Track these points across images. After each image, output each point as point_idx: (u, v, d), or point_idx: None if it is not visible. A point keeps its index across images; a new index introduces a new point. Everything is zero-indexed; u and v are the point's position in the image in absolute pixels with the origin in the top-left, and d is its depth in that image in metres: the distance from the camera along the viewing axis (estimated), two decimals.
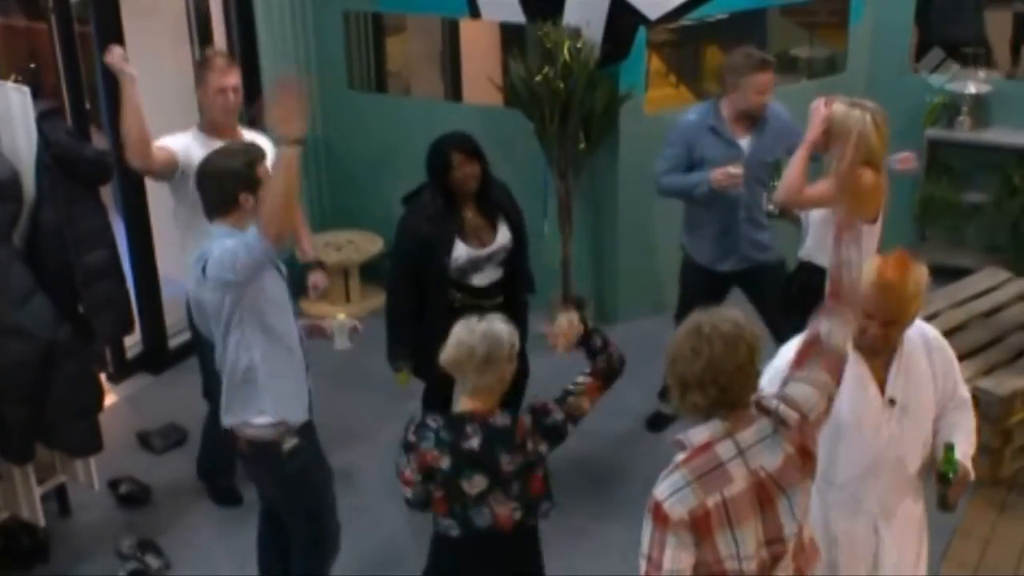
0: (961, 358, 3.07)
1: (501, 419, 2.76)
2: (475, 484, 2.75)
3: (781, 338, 2.90)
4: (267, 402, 3.14)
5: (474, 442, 2.74)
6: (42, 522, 3.94)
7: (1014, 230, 5.66)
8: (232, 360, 3.11)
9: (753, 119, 4.20)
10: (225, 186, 3.02)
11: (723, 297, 4.20)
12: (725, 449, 2.30)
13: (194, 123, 4.03)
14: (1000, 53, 5.88)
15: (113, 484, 4.30)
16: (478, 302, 3.72)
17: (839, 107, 3.58)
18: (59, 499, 4.16)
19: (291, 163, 2.86)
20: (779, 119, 4.25)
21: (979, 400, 4.15)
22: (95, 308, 3.92)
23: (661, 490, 2.29)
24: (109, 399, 4.42)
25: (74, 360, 3.74)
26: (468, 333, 2.76)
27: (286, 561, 3.44)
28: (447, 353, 2.77)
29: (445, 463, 2.74)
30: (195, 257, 3.10)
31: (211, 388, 3.96)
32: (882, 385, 2.75)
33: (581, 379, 2.87)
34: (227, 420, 3.22)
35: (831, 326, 2.49)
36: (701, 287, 4.24)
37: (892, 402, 2.75)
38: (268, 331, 3.10)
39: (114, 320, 4.04)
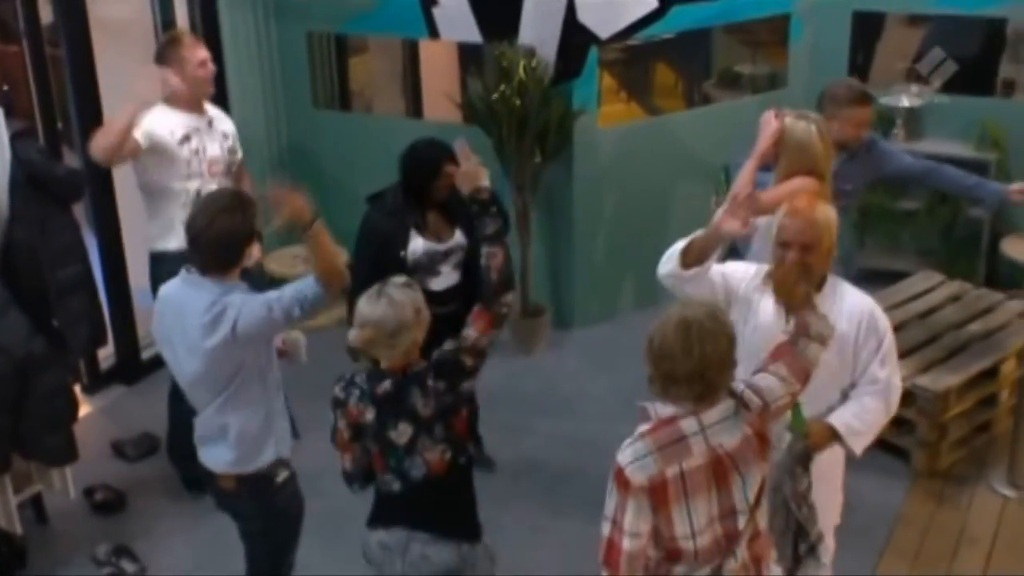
0: (899, 357, 3.17)
1: (416, 367, 2.81)
2: (402, 433, 2.79)
3: None
4: (272, 444, 3.15)
5: (387, 384, 2.78)
6: (19, 530, 3.97)
7: (945, 235, 5.81)
8: (244, 418, 3.06)
9: (847, 150, 4.00)
10: (233, 246, 2.97)
11: None
12: (688, 425, 2.42)
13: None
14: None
15: (88, 492, 4.32)
16: (432, 309, 3.79)
17: (786, 119, 3.69)
18: (35, 507, 4.18)
19: (321, 236, 2.92)
20: (875, 152, 4.11)
21: (916, 397, 4.29)
22: (69, 321, 3.97)
23: (624, 456, 2.42)
24: (84, 410, 4.45)
25: (49, 372, 3.78)
26: (370, 310, 2.76)
27: None
28: (355, 335, 2.77)
29: (370, 415, 2.80)
30: (205, 315, 2.94)
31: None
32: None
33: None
34: (244, 469, 3.13)
35: (807, 343, 2.66)
36: None
37: None
38: (273, 379, 3.11)
39: (88, 333, 4.09)
